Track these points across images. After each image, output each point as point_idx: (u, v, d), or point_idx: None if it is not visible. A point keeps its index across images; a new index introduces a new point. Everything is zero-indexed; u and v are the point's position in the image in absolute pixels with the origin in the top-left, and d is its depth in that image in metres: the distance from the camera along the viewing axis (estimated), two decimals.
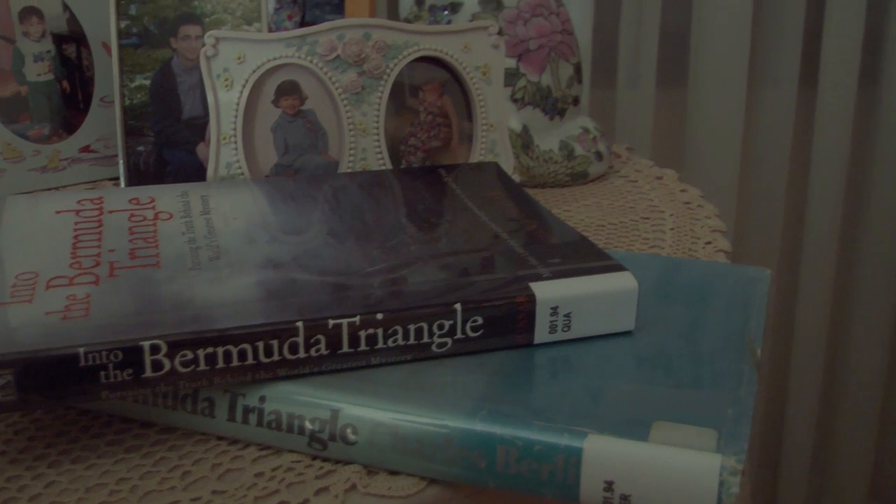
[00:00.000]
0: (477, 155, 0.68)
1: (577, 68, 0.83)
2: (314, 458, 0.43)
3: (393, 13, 1.20)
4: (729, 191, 1.34)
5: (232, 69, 0.65)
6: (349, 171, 0.66)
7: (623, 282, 0.47)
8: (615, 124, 1.31)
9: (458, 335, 0.45)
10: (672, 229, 0.71)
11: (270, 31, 0.90)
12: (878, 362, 1.46)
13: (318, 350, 0.43)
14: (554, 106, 0.81)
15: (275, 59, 0.65)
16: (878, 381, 1.47)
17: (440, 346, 0.45)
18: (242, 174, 0.65)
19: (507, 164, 0.69)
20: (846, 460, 1.51)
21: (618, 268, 0.48)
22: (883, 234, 1.40)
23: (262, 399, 0.43)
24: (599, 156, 0.82)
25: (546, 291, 0.46)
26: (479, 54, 0.68)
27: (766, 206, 1.39)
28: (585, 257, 0.50)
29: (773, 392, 1.50)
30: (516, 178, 0.69)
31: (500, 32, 0.69)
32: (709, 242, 0.68)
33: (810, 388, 1.46)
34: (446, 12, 0.80)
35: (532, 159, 0.79)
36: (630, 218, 0.73)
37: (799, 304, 1.43)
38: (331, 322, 0.43)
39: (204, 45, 0.64)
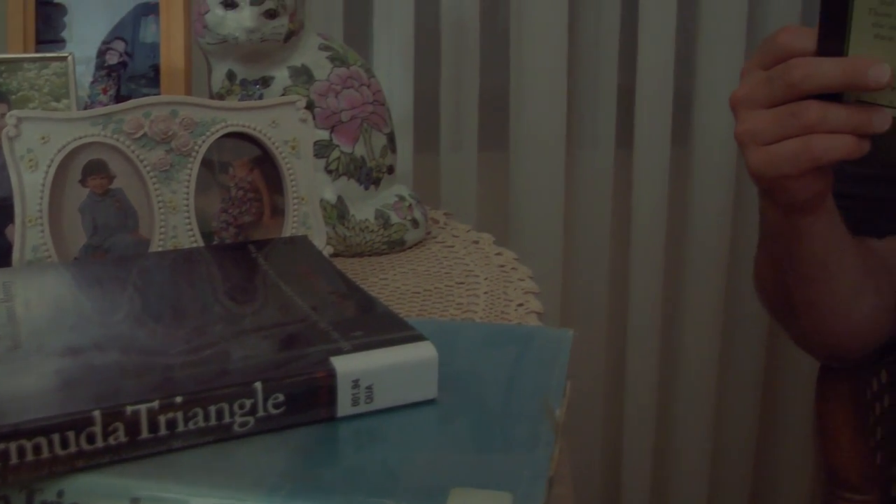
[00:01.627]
0: (289, 229, 0.69)
1: (391, 137, 0.85)
2: None
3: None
4: (553, 251, 1.37)
5: (36, 150, 0.64)
6: (160, 249, 0.65)
7: (423, 351, 0.48)
8: (440, 189, 1.33)
9: (260, 413, 0.45)
10: (486, 293, 0.73)
11: (86, 105, 0.89)
12: (705, 414, 1.51)
13: (116, 438, 0.42)
14: (368, 176, 0.82)
15: (80, 138, 0.64)
16: (707, 433, 1.52)
17: (242, 425, 0.45)
18: (50, 257, 0.63)
19: (320, 237, 0.69)
20: None
21: (418, 338, 0.49)
22: (703, 285, 1.46)
23: (61, 493, 0.42)
24: (416, 223, 0.84)
25: (347, 365, 0.46)
26: (287, 129, 0.69)
27: (591, 265, 1.43)
28: (387, 329, 0.51)
29: (608, 449, 1.54)
30: (330, 249, 0.70)
31: (308, 106, 0.70)
32: (521, 304, 0.70)
33: (643, 444, 1.51)
34: (258, 86, 0.81)
35: (348, 229, 0.80)
36: (445, 284, 0.75)
37: (628, 361, 1.47)
38: (129, 409, 0.42)
39: (6, 125, 0.63)
